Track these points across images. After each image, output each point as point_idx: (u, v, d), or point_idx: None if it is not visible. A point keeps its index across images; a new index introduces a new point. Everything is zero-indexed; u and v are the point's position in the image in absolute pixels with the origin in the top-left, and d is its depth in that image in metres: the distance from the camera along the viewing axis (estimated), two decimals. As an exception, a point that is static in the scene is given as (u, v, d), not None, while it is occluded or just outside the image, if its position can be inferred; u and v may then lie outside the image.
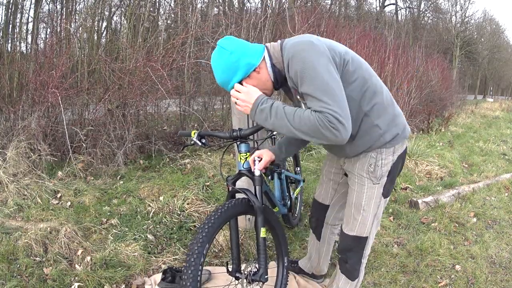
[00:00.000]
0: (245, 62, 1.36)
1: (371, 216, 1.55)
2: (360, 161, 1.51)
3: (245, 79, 1.39)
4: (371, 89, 1.40)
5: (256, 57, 1.38)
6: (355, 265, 1.63)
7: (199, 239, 1.37)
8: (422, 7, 25.62)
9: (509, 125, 9.87)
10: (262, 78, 1.40)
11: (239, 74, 1.38)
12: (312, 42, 1.29)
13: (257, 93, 1.35)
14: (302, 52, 1.28)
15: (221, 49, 1.37)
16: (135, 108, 3.88)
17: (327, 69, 1.25)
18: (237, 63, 1.36)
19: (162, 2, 7.24)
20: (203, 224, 1.41)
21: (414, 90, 7.34)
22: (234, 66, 1.36)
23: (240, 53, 1.36)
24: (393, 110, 1.47)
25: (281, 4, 5.75)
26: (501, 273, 2.31)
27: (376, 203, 1.53)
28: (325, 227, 1.88)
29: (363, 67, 1.41)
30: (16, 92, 3.80)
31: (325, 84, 1.23)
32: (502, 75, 31.76)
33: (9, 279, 1.89)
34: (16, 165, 2.96)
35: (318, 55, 1.26)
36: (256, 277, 1.52)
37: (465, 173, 4.49)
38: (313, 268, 2.05)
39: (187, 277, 1.32)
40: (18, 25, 5.74)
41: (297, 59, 1.27)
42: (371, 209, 1.54)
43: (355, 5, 20.47)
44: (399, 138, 1.48)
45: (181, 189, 3.00)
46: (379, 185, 1.51)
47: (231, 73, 1.38)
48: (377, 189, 1.51)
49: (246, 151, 1.62)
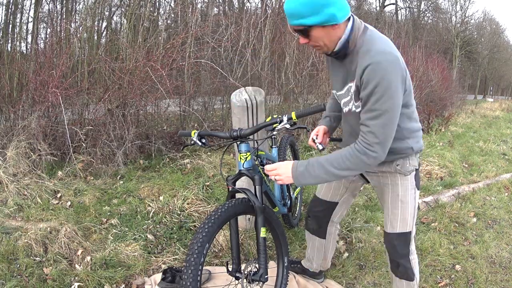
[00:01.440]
0: (332, 11, 1.22)
1: (411, 208, 1.54)
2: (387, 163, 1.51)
3: (314, 27, 1.25)
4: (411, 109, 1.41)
5: (344, 14, 1.26)
6: (406, 265, 1.60)
7: (199, 238, 1.37)
8: (422, 7, 25.63)
9: (509, 125, 9.86)
10: (332, 36, 1.28)
11: (316, 18, 1.22)
12: (398, 60, 1.24)
13: (290, 163, 1.41)
14: (386, 65, 1.22)
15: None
16: (135, 108, 3.88)
17: (397, 96, 1.24)
18: (322, 7, 1.20)
19: (162, 2, 7.25)
20: (203, 224, 1.41)
21: (414, 90, 7.34)
22: (317, 7, 1.20)
23: (332, 0, 1.21)
24: (419, 125, 1.50)
25: (281, 4, 5.75)
26: (501, 273, 2.31)
27: (412, 194, 1.53)
28: (331, 224, 1.85)
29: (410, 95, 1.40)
30: (16, 92, 3.81)
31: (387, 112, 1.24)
32: (502, 75, 31.74)
33: (9, 279, 1.89)
34: (16, 165, 2.96)
35: (397, 77, 1.23)
36: (256, 277, 1.52)
37: (465, 173, 4.49)
38: (320, 266, 2.01)
39: (187, 277, 1.32)
40: (18, 25, 5.75)
41: (376, 70, 1.22)
42: (409, 200, 1.53)
43: (355, 5, 20.45)
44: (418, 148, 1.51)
45: (181, 189, 3.00)
46: (411, 176, 1.52)
47: (310, 10, 1.21)
48: (409, 179, 1.52)
49: (246, 151, 1.62)
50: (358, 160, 1.30)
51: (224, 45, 4.52)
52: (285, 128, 1.44)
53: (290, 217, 2.60)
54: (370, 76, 1.22)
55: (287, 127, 1.44)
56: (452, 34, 25.38)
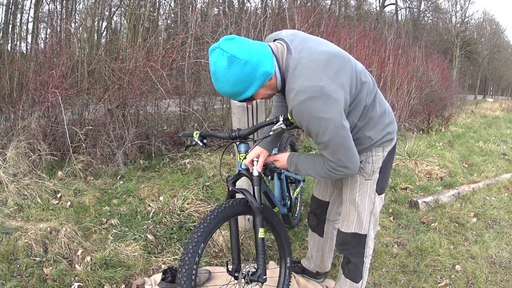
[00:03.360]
0: (262, 71, 1.20)
1: (367, 212, 1.55)
2: None
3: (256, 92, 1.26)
4: (367, 107, 1.40)
5: (271, 63, 1.23)
6: (358, 265, 1.63)
7: (194, 238, 1.38)
8: (422, 7, 25.63)
9: (509, 125, 9.86)
10: (272, 84, 1.28)
11: (255, 85, 1.22)
12: (323, 88, 1.17)
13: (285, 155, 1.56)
14: (309, 104, 1.17)
15: (232, 58, 1.15)
16: (135, 108, 3.88)
17: (335, 123, 1.20)
18: (253, 74, 1.19)
19: (162, 2, 7.25)
20: (199, 224, 1.42)
21: (414, 90, 7.34)
22: (250, 78, 1.19)
23: (255, 61, 1.18)
24: (384, 120, 1.47)
25: (281, 4, 5.76)
26: (501, 273, 2.31)
27: (371, 200, 1.54)
28: (327, 223, 1.89)
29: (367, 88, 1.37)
30: (16, 92, 3.81)
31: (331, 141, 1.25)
32: (502, 75, 31.74)
33: (9, 279, 1.89)
34: (16, 165, 2.96)
35: (326, 107, 1.18)
36: (255, 278, 1.52)
37: (465, 173, 4.49)
38: (317, 266, 2.04)
39: (182, 276, 1.34)
40: (18, 25, 5.74)
41: (300, 112, 1.20)
42: (366, 205, 1.54)
43: (355, 5, 20.46)
44: (387, 139, 1.49)
45: (181, 189, 3.00)
46: (372, 181, 1.52)
47: (245, 86, 1.21)
48: (370, 185, 1.52)
49: (245, 151, 1.62)
50: (330, 175, 1.38)
51: (224, 45, 4.50)
52: (281, 128, 1.43)
53: (290, 217, 2.60)
54: (298, 118, 1.24)
55: (283, 127, 1.43)
56: (452, 34, 25.38)
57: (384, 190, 1.59)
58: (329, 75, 1.21)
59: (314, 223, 1.93)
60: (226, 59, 1.16)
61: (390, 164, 1.57)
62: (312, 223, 1.94)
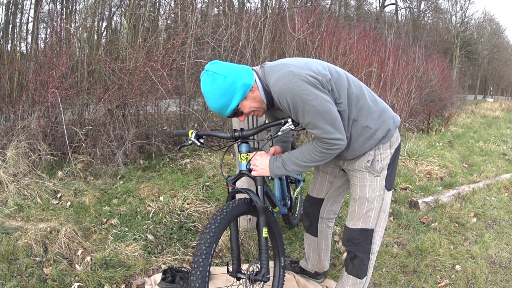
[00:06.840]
0: (242, 83, 1.37)
1: (376, 208, 1.58)
2: (359, 159, 1.56)
3: (241, 104, 1.41)
4: (354, 96, 1.46)
5: (250, 77, 1.40)
6: (364, 260, 1.63)
7: (207, 239, 1.36)
8: (422, 7, 25.62)
9: (509, 125, 9.87)
10: (256, 97, 1.43)
11: (237, 96, 1.38)
12: (291, 72, 1.32)
13: (267, 156, 1.55)
14: (286, 86, 1.32)
15: (214, 74, 1.36)
16: (135, 108, 3.89)
17: (316, 98, 1.32)
18: (234, 85, 1.36)
19: (162, 2, 7.24)
20: (210, 224, 1.40)
21: (414, 90, 7.34)
22: (231, 89, 1.36)
23: (234, 75, 1.36)
24: (378, 107, 1.53)
25: (281, 4, 5.76)
26: (501, 273, 2.31)
27: (380, 196, 1.57)
28: (320, 221, 1.90)
29: (342, 77, 1.45)
30: (16, 92, 3.81)
31: (316, 112, 1.32)
32: (502, 75, 31.73)
33: (9, 279, 1.89)
34: (16, 165, 2.96)
35: (301, 86, 1.30)
36: (259, 277, 1.53)
37: (465, 173, 4.49)
38: (315, 267, 2.04)
39: (196, 278, 1.31)
40: (18, 25, 5.74)
41: (284, 94, 1.33)
42: (375, 200, 1.57)
43: (355, 5, 20.46)
44: (392, 132, 1.54)
45: (181, 189, 3.00)
46: (381, 178, 1.55)
47: (229, 97, 1.37)
48: (379, 181, 1.55)
49: (247, 151, 1.62)
50: (325, 154, 1.42)
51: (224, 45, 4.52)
52: (289, 128, 1.46)
53: (290, 217, 2.60)
54: (281, 100, 1.36)
55: (292, 128, 1.45)
56: (452, 34, 25.38)
57: (392, 186, 1.62)
58: (296, 64, 1.38)
59: (307, 223, 1.94)
60: (210, 76, 1.37)
61: (397, 160, 1.61)
62: (305, 223, 1.95)
